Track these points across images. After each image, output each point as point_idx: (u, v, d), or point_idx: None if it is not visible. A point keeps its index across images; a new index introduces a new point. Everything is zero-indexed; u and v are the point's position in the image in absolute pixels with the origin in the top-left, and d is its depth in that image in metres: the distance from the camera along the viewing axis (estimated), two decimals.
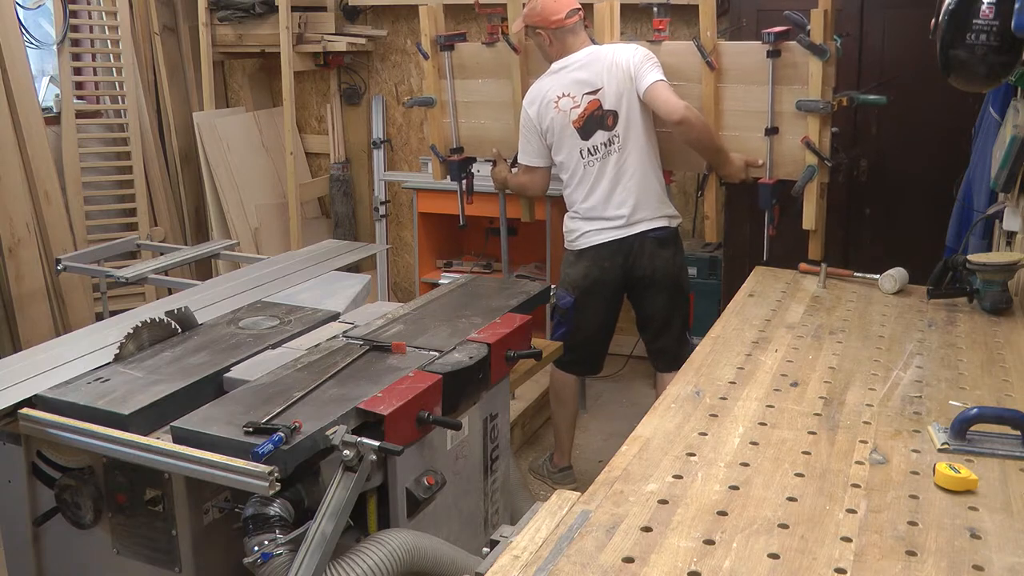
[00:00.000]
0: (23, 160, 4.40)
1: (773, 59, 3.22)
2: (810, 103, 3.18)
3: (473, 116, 3.92)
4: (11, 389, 2.13)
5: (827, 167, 3.27)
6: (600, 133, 3.29)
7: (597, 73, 3.28)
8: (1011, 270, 2.42)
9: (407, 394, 2.04)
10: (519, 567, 1.27)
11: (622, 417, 4.36)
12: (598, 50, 3.34)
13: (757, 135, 3.34)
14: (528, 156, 3.46)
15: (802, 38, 3.11)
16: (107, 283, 3.45)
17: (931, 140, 4.01)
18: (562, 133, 3.32)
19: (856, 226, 4.23)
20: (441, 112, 3.96)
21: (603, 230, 3.32)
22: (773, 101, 3.27)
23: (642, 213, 3.31)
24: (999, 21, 2.15)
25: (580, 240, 3.37)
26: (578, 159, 3.32)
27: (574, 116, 3.29)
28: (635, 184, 3.30)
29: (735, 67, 3.34)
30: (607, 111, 3.28)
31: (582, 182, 3.34)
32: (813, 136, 3.22)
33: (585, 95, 3.29)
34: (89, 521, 2.08)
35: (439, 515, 2.22)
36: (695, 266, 4.56)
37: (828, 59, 3.12)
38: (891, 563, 1.28)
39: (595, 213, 3.33)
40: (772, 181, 3.35)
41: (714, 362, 2.08)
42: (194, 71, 5.38)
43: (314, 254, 3.40)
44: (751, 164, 3.36)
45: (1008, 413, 1.67)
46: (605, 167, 3.30)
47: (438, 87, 3.92)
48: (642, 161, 3.31)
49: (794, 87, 3.23)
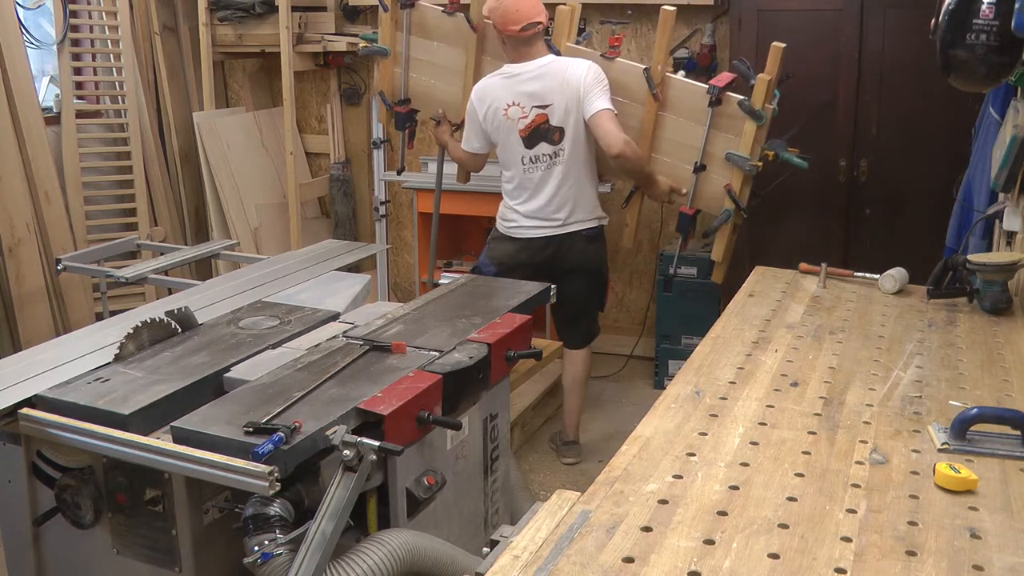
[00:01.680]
0: (23, 160, 4.40)
1: (714, 107, 3.45)
2: (738, 158, 3.43)
3: (424, 73, 4.03)
4: (11, 389, 2.12)
5: (742, 215, 3.55)
6: (544, 145, 3.49)
7: (549, 89, 3.44)
8: (1011, 270, 2.42)
9: (407, 394, 2.04)
10: (519, 567, 1.27)
11: (622, 417, 4.37)
12: (553, 64, 3.48)
13: (686, 167, 3.57)
14: (470, 143, 3.64)
15: (743, 102, 3.38)
16: (107, 283, 3.45)
17: (931, 140, 4.01)
18: (507, 138, 3.51)
19: (856, 226, 4.23)
20: (393, 63, 4.07)
21: (540, 227, 3.57)
22: (706, 143, 3.51)
23: (578, 216, 3.57)
24: (999, 21, 2.15)
25: (516, 230, 3.61)
26: (519, 164, 3.53)
27: (521, 126, 3.47)
28: (574, 192, 3.54)
29: (677, 102, 3.56)
30: (554, 127, 3.47)
31: (523, 185, 3.56)
32: (735, 185, 3.47)
33: (534, 108, 3.46)
34: (89, 521, 2.08)
35: (439, 515, 2.22)
36: (695, 266, 4.56)
37: (763, 124, 3.38)
38: (891, 563, 1.28)
39: (535, 214, 3.56)
40: (691, 211, 3.64)
41: (714, 362, 2.08)
42: (194, 71, 5.38)
43: (314, 254, 3.40)
44: (675, 191, 3.60)
45: (1008, 413, 1.67)
46: (548, 177, 3.51)
47: (393, 39, 4.03)
48: (582, 173, 3.54)
49: (728, 135, 3.47)
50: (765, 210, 4.36)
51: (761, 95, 3.36)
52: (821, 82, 4.14)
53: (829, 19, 4.08)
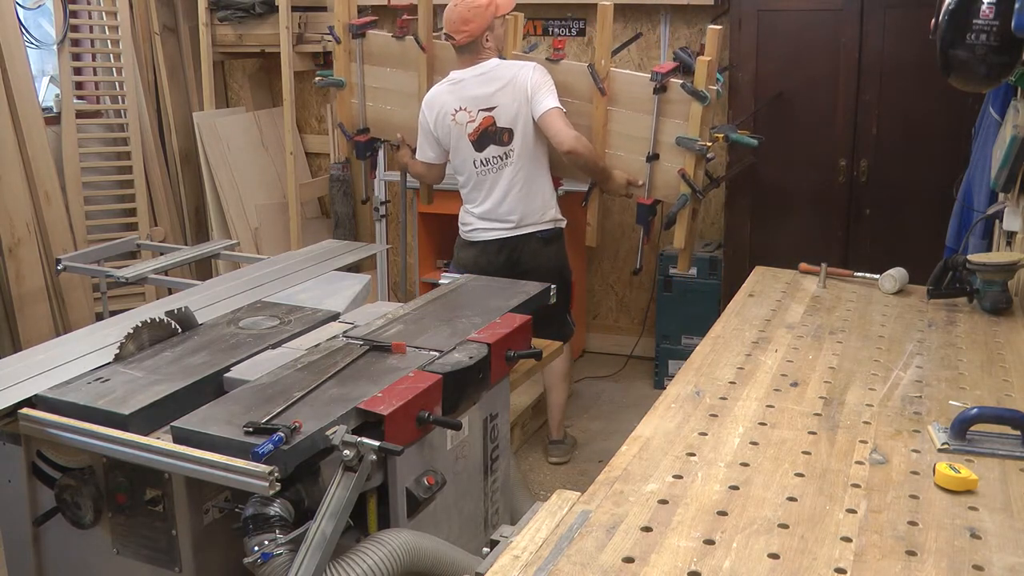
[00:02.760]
0: (23, 160, 4.40)
1: (659, 94, 3.47)
2: (688, 141, 3.43)
3: (380, 101, 4.14)
4: (11, 389, 2.12)
5: (699, 198, 3.53)
6: (494, 147, 3.52)
7: (494, 91, 3.49)
8: (1011, 270, 2.42)
9: (407, 394, 2.04)
10: (519, 567, 1.27)
11: (622, 417, 4.37)
12: (498, 67, 3.53)
13: (639, 158, 3.58)
14: (424, 153, 3.70)
15: (685, 84, 3.39)
16: (107, 283, 3.45)
17: (931, 140, 4.01)
18: (458, 143, 3.56)
19: (856, 226, 4.23)
20: (350, 93, 4.18)
21: (493, 229, 3.60)
22: (656, 131, 3.52)
23: (531, 218, 3.59)
24: (999, 21, 2.15)
25: (472, 234, 3.66)
26: (472, 168, 3.57)
27: (469, 130, 3.52)
28: (526, 194, 3.56)
29: (624, 94, 3.57)
30: (501, 128, 3.50)
31: (476, 187, 3.60)
32: (689, 169, 3.46)
33: (480, 111, 3.50)
34: (89, 521, 2.08)
35: (439, 515, 2.22)
36: (695, 266, 4.56)
37: (708, 104, 3.38)
38: (891, 563, 1.28)
39: (488, 215, 3.60)
40: (649, 201, 3.62)
41: (714, 362, 2.08)
42: (194, 71, 5.38)
43: (314, 254, 3.40)
44: (632, 183, 3.61)
45: (1008, 413, 1.67)
46: (499, 178, 3.55)
47: (348, 70, 4.15)
48: (533, 173, 3.56)
49: (676, 121, 3.47)
50: (765, 210, 4.38)
51: (703, 77, 3.36)
52: (821, 82, 4.14)
53: (829, 19, 4.08)
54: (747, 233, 4.41)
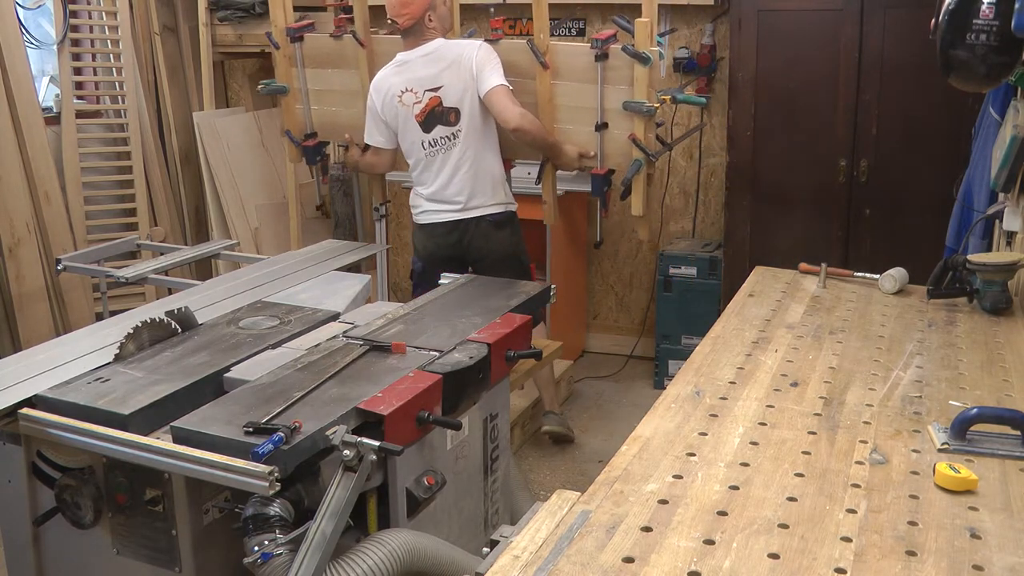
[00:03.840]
0: (23, 160, 4.40)
1: (601, 62, 3.44)
2: (635, 104, 3.41)
3: (325, 103, 4.13)
4: (11, 389, 2.13)
5: (652, 161, 3.52)
6: (440, 128, 3.51)
7: (439, 71, 3.49)
8: (1011, 270, 2.42)
9: (407, 394, 2.04)
10: (519, 567, 1.27)
11: (622, 417, 4.37)
12: (442, 47, 3.52)
13: (588, 129, 3.56)
14: (373, 138, 3.70)
15: (626, 47, 3.37)
16: (107, 283, 3.45)
17: (931, 140, 4.01)
18: (405, 125, 3.56)
19: (856, 226, 4.23)
20: (294, 99, 4.17)
21: (441, 211, 3.59)
22: (602, 99, 3.50)
23: (479, 200, 3.56)
24: (999, 21, 2.15)
25: (421, 216, 3.66)
26: (420, 149, 3.57)
27: (416, 111, 3.51)
28: (473, 174, 3.54)
29: (567, 67, 3.56)
30: (448, 108, 3.49)
31: (426, 169, 3.59)
32: (639, 133, 3.45)
33: (426, 91, 3.49)
34: (89, 521, 2.08)
35: (439, 515, 2.22)
36: (695, 266, 4.57)
37: (651, 65, 3.37)
38: (891, 563, 1.28)
39: (436, 197, 3.59)
40: (603, 171, 3.58)
41: (714, 362, 2.08)
42: (194, 71, 5.37)
43: (314, 254, 3.40)
44: (584, 155, 3.58)
45: (1008, 413, 1.67)
46: (447, 159, 3.53)
47: (290, 76, 4.15)
48: (481, 153, 3.54)
49: (621, 87, 3.46)
50: (765, 210, 4.38)
51: (644, 38, 3.37)
52: (821, 82, 4.14)
53: (829, 19, 4.08)
54: (747, 233, 4.41)
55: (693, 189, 4.96)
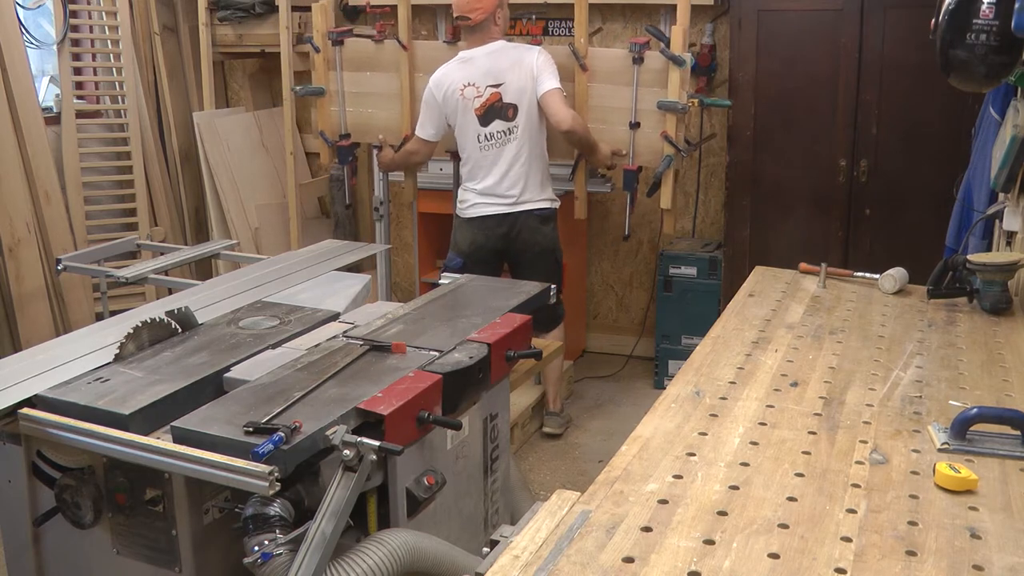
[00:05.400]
0: (23, 160, 4.40)
1: (637, 65, 3.77)
2: (669, 103, 3.71)
3: (360, 105, 4.32)
4: (11, 389, 2.12)
5: (682, 157, 3.83)
6: (499, 122, 3.71)
7: (502, 69, 3.69)
8: (1011, 270, 2.42)
9: (407, 394, 2.04)
10: (519, 567, 1.27)
11: (622, 417, 4.37)
12: (506, 46, 3.75)
13: (620, 128, 3.86)
14: (425, 130, 3.85)
15: (664, 50, 3.67)
16: (107, 283, 3.45)
17: (931, 140, 4.01)
18: (464, 117, 3.73)
19: (856, 226, 4.23)
20: (330, 101, 4.35)
21: (494, 204, 3.75)
22: (636, 100, 3.80)
23: (529, 195, 3.75)
24: (999, 21, 2.15)
25: (471, 210, 3.79)
26: (475, 143, 3.74)
27: (476, 105, 3.70)
28: (526, 170, 3.73)
29: (604, 70, 3.87)
30: (507, 104, 3.69)
31: (478, 164, 3.75)
32: (670, 131, 3.74)
33: (488, 87, 3.69)
34: (89, 521, 2.08)
35: (439, 515, 2.22)
36: (695, 266, 4.57)
37: (685, 67, 3.67)
38: (891, 563, 1.28)
39: (489, 191, 3.74)
40: (634, 167, 3.86)
41: (714, 362, 2.08)
42: (194, 71, 5.38)
43: (314, 254, 3.39)
44: (616, 153, 3.84)
45: (1008, 413, 1.67)
46: (501, 154, 3.72)
47: (327, 78, 4.32)
48: (533, 150, 3.75)
49: (654, 89, 3.77)
50: (765, 210, 4.38)
51: (679, 42, 3.66)
52: (821, 82, 4.14)
53: (829, 19, 4.09)
54: (747, 233, 4.41)
55: (693, 189, 4.96)
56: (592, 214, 5.12)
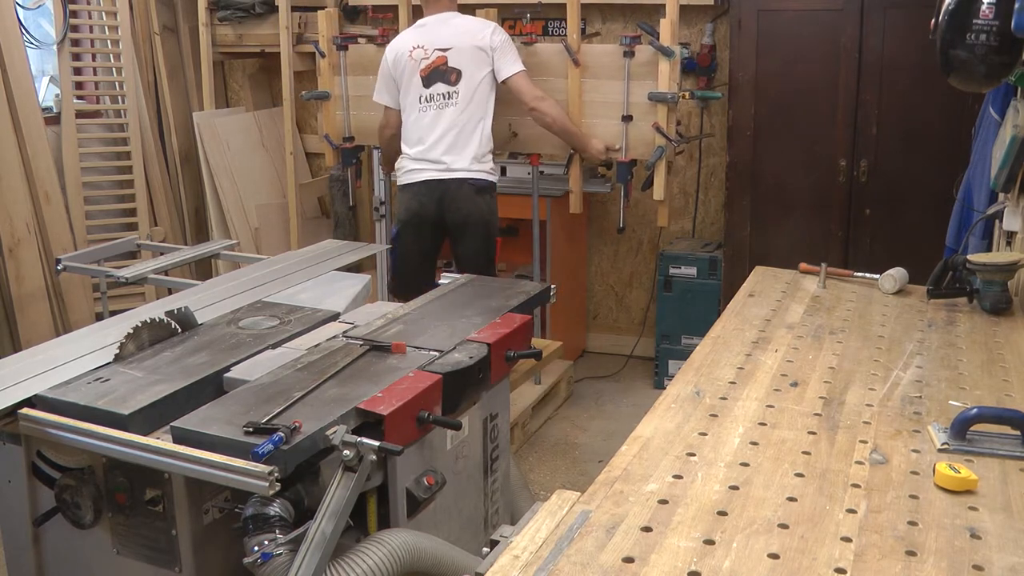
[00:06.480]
0: (23, 160, 4.40)
1: (629, 59, 3.82)
2: (660, 95, 3.78)
3: (364, 108, 4.36)
4: (11, 389, 2.12)
5: (674, 147, 3.88)
6: (440, 85, 3.71)
7: (451, 35, 3.73)
8: (1011, 270, 2.41)
9: (407, 394, 2.04)
10: (519, 567, 1.27)
11: (622, 417, 4.37)
12: (459, 16, 3.82)
13: (613, 123, 3.92)
14: (381, 96, 3.91)
15: (653, 41, 3.74)
16: (107, 283, 3.45)
17: (931, 140, 4.01)
18: (409, 79, 3.75)
19: (856, 226, 4.23)
20: (334, 105, 4.44)
21: (426, 170, 3.72)
22: (628, 94, 3.86)
23: (464, 163, 3.70)
24: (999, 21, 2.15)
25: (405, 176, 3.79)
26: (416, 104, 3.74)
27: (422, 66, 3.73)
28: (464, 139, 3.70)
29: (596, 65, 3.94)
30: (451, 68, 3.71)
31: (416, 125, 3.75)
32: (662, 122, 3.81)
33: (436, 50, 3.73)
34: (89, 521, 2.08)
35: (439, 515, 2.22)
36: (695, 266, 4.57)
37: (674, 58, 3.75)
38: (891, 563, 1.28)
39: (422, 155, 3.73)
40: (627, 160, 3.91)
41: (714, 362, 2.08)
42: (194, 71, 5.38)
43: (314, 254, 3.39)
44: (609, 148, 3.89)
45: (1008, 413, 1.67)
46: (440, 116, 3.71)
47: (332, 83, 4.41)
48: (473, 120, 3.71)
49: (645, 82, 3.84)
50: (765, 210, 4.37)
51: (667, 34, 3.73)
52: (821, 82, 4.14)
53: (829, 19, 4.08)
54: (747, 233, 4.41)
55: (693, 189, 4.96)
56: (592, 214, 5.13)
